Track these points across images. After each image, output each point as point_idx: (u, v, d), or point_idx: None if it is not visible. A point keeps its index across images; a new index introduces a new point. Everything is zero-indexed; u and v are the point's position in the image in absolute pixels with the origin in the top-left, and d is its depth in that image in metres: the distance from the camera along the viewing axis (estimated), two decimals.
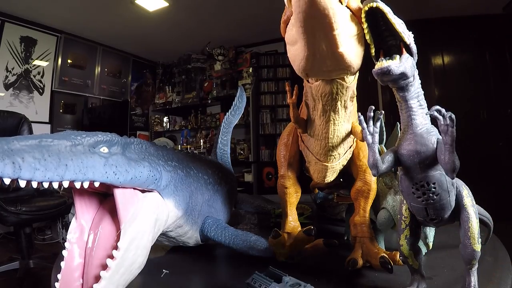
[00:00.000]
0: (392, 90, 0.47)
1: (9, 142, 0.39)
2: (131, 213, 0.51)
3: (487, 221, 0.64)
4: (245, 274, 0.50)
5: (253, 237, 0.69)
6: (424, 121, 0.45)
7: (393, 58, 0.42)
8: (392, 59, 0.41)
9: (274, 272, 0.48)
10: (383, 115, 0.51)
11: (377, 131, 0.47)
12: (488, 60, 3.44)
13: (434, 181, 0.44)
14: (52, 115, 3.99)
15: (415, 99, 0.46)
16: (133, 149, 0.55)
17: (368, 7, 0.38)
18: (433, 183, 0.44)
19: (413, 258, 0.51)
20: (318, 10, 0.33)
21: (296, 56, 0.42)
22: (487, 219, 0.65)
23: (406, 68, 0.42)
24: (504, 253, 0.67)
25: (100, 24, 3.89)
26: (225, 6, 3.53)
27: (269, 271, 0.48)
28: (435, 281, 0.55)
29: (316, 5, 0.32)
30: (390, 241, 0.77)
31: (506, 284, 0.54)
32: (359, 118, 0.48)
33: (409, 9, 3.42)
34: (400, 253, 0.52)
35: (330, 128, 0.55)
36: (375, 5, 0.38)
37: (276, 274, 0.47)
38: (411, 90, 0.45)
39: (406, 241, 0.51)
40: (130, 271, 0.49)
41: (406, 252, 0.50)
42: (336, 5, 0.33)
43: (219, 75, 4.72)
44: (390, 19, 0.39)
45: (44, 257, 2.38)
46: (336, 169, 0.66)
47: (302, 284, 0.44)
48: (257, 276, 0.47)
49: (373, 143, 0.46)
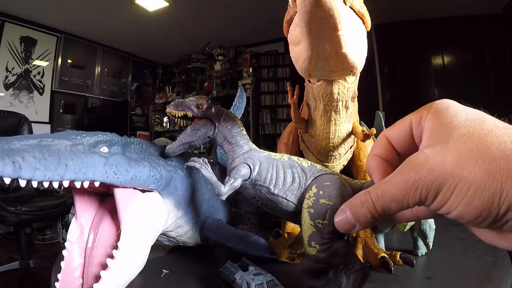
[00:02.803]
0: (392, 90, 0.47)
1: (9, 142, 0.39)
2: (131, 213, 0.51)
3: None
4: (228, 260, 0.54)
5: (253, 237, 0.69)
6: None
7: None
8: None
9: (245, 263, 0.53)
10: (383, 115, 0.51)
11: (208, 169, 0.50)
12: (488, 60, 3.44)
13: (254, 196, 0.49)
14: (52, 115, 4.00)
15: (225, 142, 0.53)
16: (133, 149, 0.55)
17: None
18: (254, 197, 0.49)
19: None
20: (323, 11, 0.32)
21: (299, 56, 0.42)
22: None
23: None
24: (504, 253, 0.67)
25: (100, 24, 3.89)
26: (225, 6, 3.54)
27: (241, 262, 0.54)
28: (435, 281, 0.55)
29: (321, 5, 0.32)
30: (390, 241, 0.78)
31: (506, 284, 0.54)
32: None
33: (409, 9, 3.43)
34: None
35: (331, 128, 0.55)
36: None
37: (246, 264, 0.53)
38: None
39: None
40: (130, 270, 0.49)
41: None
42: (341, 6, 0.33)
43: (219, 75, 4.72)
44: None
45: (44, 257, 2.38)
46: (337, 169, 0.67)
47: (263, 274, 0.49)
48: (229, 264, 0.53)
49: (212, 175, 0.49)
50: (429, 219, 0.61)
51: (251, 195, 0.49)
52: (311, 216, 0.41)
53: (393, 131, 0.30)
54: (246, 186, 0.49)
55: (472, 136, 0.23)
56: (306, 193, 0.44)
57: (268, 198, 0.47)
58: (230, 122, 0.54)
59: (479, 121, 0.24)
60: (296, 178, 0.46)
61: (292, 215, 0.47)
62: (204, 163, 0.50)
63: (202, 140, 0.55)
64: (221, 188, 0.47)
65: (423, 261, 0.65)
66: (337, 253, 0.41)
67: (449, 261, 0.63)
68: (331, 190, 0.42)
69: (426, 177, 0.23)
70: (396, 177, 0.25)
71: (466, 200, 0.21)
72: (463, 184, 0.21)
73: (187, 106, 0.55)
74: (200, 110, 0.55)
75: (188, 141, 0.55)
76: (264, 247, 0.67)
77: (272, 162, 0.48)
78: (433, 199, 0.23)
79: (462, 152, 0.22)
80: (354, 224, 0.28)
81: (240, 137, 0.52)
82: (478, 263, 0.62)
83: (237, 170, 0.48)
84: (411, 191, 0.23)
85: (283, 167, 0.48)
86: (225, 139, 0.53)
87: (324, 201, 0.41)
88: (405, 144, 0.29)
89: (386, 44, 3.59)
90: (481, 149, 0.22)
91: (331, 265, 0.42)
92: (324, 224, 0.40)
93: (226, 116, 0.54)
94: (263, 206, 0.49)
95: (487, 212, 0.21)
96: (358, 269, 0.42)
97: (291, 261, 0.65)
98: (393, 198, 0.25)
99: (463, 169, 0.22)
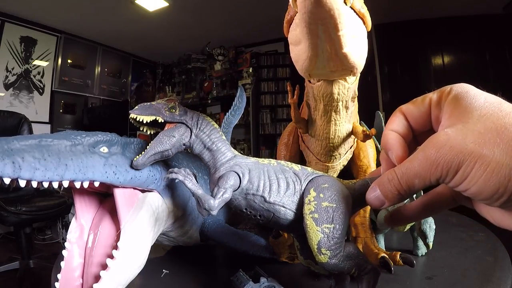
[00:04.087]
0: (392, 90, 0.47)
1: (9, 142, 0.39)
2: (131, 213, 0.51)
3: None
4: (240, 268, 0.51)
5: (253, 237, 0.69)
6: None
7: None
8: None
9: (257, 273, 0.49)
10: (383, 115, 0.51)
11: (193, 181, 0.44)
12: (488, 60, 3.44)
13: (246, 207, 0.44)
14: (52, 115, 3.99)
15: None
16: (133, 149, 0.55)
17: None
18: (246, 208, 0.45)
19: (314, 265, 0.46)
20: (324, 11, 0.32)
21: (299, 56, 0.42)
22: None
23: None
24: (504, 253, 0.67)
25: (100, 24, 3.89)
26: (225, 6, 3.53)
27: (254, 271, 0.50)
28: (435, 281, 0.55)
29: (322, 5, 0.32)
30: (390, 241, 0.78)
31: (506, 284, 0.54)
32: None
33: (409, 9, 3.43)
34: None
35: (331, 128, 0.55)
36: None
37: (258, 274, 0.49)
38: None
39: (299, 252, 0.48)
40: (130, 270, 0.49)
41: (304, 262, 0.47)
42: (341, 6, 0.33)
43: (219, 75, 4.72)
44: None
45: (44, 257, 2.38)
46: (337, 169, 0.67)
47: (276, 286, 0.46)
48: (240, 274, 0.49)
49: (198, 187, 0.43)
50: (429, 219, 0.61)
51: (242, 207, 0.44)
52: (316, 221, 0.39)
53: (411, 108, 0.31)
54: (236, 197, 0.44)
55: (491, 117, 0.24)
56: (305, 198, 0.42)
57: (263, 208, 0.43)
58: (208, 127, 0.49)
59: (498, 103, 0.25)
60: (291, 183, 0.44)
61: (289, 224, 0.43)
62: (187, 173, 0.44)
63: (177, 149, 0.49)
64: (211, 202, 0.41)
65: (423, 261, 0.65)
66: (349, 257, 0.39)
67: (449, 261, 0.63)
68: (331, 192, 0.41)
69: (447, 155, 0.24)
70: (419, 155, 0.26)
71: (485, 176, 0.22)
72: (482, 161, 0.22)
73: (156, 110, 0.49)
74: (172, 114, 0.49)
75: (160, 150, 0.48)
76: (264, 247, 0.67)
77: (262, 168, 0.45)
78: (453, 175, 0.24)
79: (482, 132, 0.23)
80: (383, 200, 0.30)
81: (221, 143, 0.48)
82: (478, 263, 0.61)
83: (226, 179, 0.43)
84: (432, 167, 0.25)
85: (274, 172, 0.45)
86: (205, 146, 0.48)
87: (327, 204, 0.40)
88: (421, 122, 0.31)
89: (386, 44, 3.59)
90: (500, 129, 0.23)
91: (344, 270, 0.39)
92: (332, 228, 0.38)
93: (203, 120, 0.49)
94: (257, 218, 0.44)
95: (503, 189, 0.22)
96: (370, 270, 0.40)
97: (291, 261, 0.65)
98: (416, 174, 0.26)
99: (482, 147, 0.23)
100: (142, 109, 0.50)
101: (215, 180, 0.45)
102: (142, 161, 0.49)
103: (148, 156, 0.49)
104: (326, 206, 0.39)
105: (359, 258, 0.40)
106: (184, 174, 0.44)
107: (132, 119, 0.50)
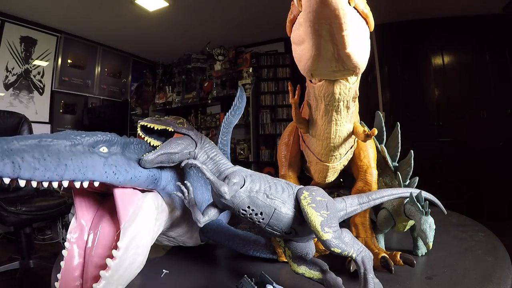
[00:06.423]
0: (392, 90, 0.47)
1: (9, 142, 0.38)
2: (131, 213, 0.51)
3: (434, 200, 0.64)
4: (245, 275, 0.50)
5: (253, 237, 0.69)
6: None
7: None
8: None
9: (263, 279, 0.49)
10: (383, 115, 0.52)
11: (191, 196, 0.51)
12: (488, 60, 3.44)
13: (249, 205, 0.50)
14: (52, 115, 3.99)
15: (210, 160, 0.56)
16: (132, 149, 0.55)
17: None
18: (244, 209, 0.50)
19: (308, 271, 0.53)
20: (329, 11, 0.32)
21: (302, 56, 0.42)
22: (434, 198, 0.65)
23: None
24: (504, 253, 0.67)
25: (100, 24, 3.89)
26: (225, 6, 3.53)
27: (259, 277, 0.50)
28: (435, 281, 0.55)
29: (327, 5, 0.32)
30: (390, 241, 0.78)
31: (506, 284, 0.54)
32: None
33: (409, 9, 3.43)
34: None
35: (332, 128, 0.55)
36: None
37: (264, 281, 0.49)
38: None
39: (291, 260, 0.54)
40: (129, 270, 0.49)
41: (298, 270, 0.53)
42: (346, 6, 0.33)
43: (219, 75, 4.72)
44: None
45: (44, 257, 2.38)
46: (337, 169, 0.66)
47: None
48: (245, 280, 0.49)
49: (192, 204, 0.50)
50: (429, 219, 0.61)
51: (245, 205, 0.50)
52: (315, 209, 0.47)
53: None
54: (239, 195, 0.49)
55: None
56: (299, 197, 0.49)
57: (265, 204, 0.49)
58: (210, 144, 0.58)
59: None
60: (285, 188, 0.51)
61: (288, 221, 0.49)
62: (202, 161, 0.52)
63: (182, 155, 0.55)
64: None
65: (423, 261, 0.65)
66: (346, 241, 0.46)
67: (449, 261, 0.63)
68: (320, 191, 0.50)
69: None
70: None
71: None
72: None
73: (167, 123, 0.58)
74: (182, 127, 0.58)
75: (169, 152, 0.54)
76: (264, 247, 0.67)
77: (260, 175, 0.53)
78: None
79: None
80: None
81: (221, 156, 0.56)
82: (478, 263, 0.62)
83: (233, 176, 0.50)
84: None
85: (271, 179, 0.53)
86: (208, 157, 0.56)
87: (320, 198, 0.48)
88: None
89: (386, 44, 3.59)
90: None
91: (343, 251, 0.45)
92: (328, 214, 0.47)
93: (205, 138, 0.59)
94: (258, 216, 0.49)
95: None
96: (364, 250, 0.47)
97: None
98: None
99: None
100: (153, 120, 0.58)
101: (222, 178, 0.51)
102: (151, 158, 0.53)
103: (158, 154, 0.53)
104: (320, 199, 0.48)
105: (354, 242, 0.47)
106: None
107: (141, 125, 0.57)
